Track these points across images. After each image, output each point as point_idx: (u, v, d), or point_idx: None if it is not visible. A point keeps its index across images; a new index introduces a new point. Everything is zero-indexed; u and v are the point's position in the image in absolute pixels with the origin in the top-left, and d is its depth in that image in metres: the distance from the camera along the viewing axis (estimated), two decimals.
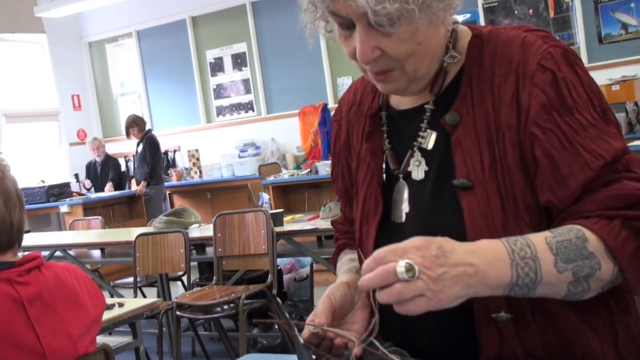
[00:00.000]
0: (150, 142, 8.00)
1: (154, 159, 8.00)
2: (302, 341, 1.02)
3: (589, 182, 1.05)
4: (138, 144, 8.12)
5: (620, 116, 6.43)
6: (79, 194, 8.37)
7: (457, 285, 0.95)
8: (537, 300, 1.05)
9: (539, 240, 1.01)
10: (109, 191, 8.42)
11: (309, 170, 7.34)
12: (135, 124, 8.01)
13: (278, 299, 4.27)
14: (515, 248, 1.00)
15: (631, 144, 5.47)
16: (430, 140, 1.19)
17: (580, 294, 1.03)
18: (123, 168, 9.26)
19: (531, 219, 1.09)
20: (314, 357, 1.11)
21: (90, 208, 7.78)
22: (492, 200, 1.09)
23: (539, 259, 0.99)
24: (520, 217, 1.08)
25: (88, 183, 8.63)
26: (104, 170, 8.68)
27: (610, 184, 1.05)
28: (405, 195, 1.21)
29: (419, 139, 1.20)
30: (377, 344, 1.11)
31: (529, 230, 1.07)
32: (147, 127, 8.27)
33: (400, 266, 0.91)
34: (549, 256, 1.00)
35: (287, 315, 1.07)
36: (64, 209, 7.82)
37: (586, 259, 1.01)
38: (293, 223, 4.85)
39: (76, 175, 9.13)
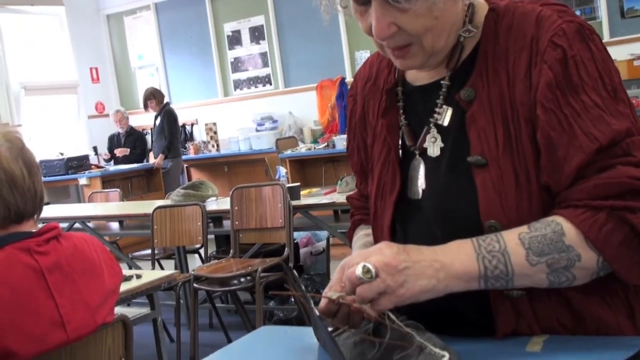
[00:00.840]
0: (168, 115, 8.02)
1: (171, 132, 8.01)
2: (317, 313, 1.02)
3: (583, 166, 1.04)
4: (156, 117, 8.14)
5: None
6: (98, 167, 8.42)
7: (422, 279, 1.01)
8: None
9: (512, 236, 1.04)
10: (122, 154, 8.42)
11: (326, 144, 7.32)
12: (153, 96, 8.03)
13: (294, 272, 4.29)
14: (483, 243, 1.04)
15: None
16: (446, 116, 1.18)
17: (568, 282, 1.04)
18: None
19: (544, 197, 1.08)
20: (330, 328, 1.12)
21: (108, 181, 7.83)
22: (506, 178, 1.08)
23: (509, 253, 1.02)
24: (534, 195, 1.08)
25: (107, 154, 8.65)
26: (128, 141, 8.68)
27: (604, 170, 1.03)
28: (422, 171, 1.20)
29: (435, 115, 1.19)
30: (393, 317, 1.12)
31: (541, 208, 1.07)
32: (165, 100, 8.28)
33: (358, 269, 0.98)
34: (520, 250, 1.02)
35: (302, 287, 1.08)
36: (82, 181, 7.88)
37: (562, 252, 1.02)
38: (310, 197, 4.85)
39: (95, 148, 9.17)
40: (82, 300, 1.82)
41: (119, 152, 8.47)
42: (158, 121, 8.10)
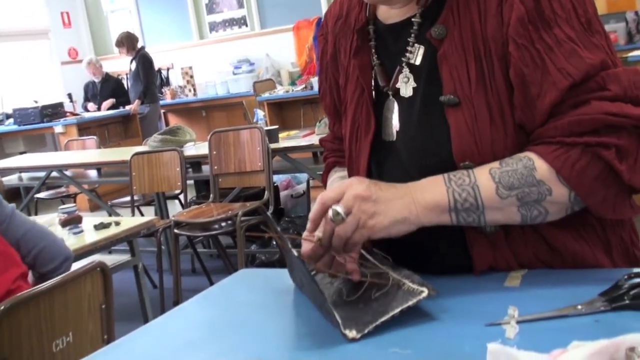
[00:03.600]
0: (143, 60, 7.88)
1: (147, 77, 7.89)
2: (295, 254, 1.02)
3: (556, 103, 1.02)
4: (131, 62, 8.00)
5: (620, 26, 6.31)
6: (73, 114, 8.29)
7: (393, 210, 1.01)
8: None
9: (483, 171, 1.04)
10: (108, 107, 8.32)
11: (304, 86, 7.27)
12: (128, 40, 7.87)
13: (268, 214, 4.28)
14: (454, 178, 1.04)
15: (630, 54, 5.39)
16: (418, 55, 1.15)
17: (541, 217, 1.04)
18: None
19: (519, 135, 1.06)
20: (313, 272, 1.11)
21: (84, 128, 7.72)
22: (479, 116, 1.06)
23: (478, 187, 1.03)
24: (509, 134, 1.06)
25: (92, 106, 8.49)
26: (104, 88, 8.54)
27: (578, 106, 1.01)
28: (395, 112, 1.18)
29: (407, 54, 1.16)
30: (369, 257, 1.12)
31: (517, 148, 1.06)
32: (140, 44, 8.13)
33: (329, 214, 1.00)
34: (490, 184, 1.02)
35: (278, 229, 1.07)
36: (58, 129, 7.76)
37: (533, 186, 1.02)
38: (288, 139, 4.83)
39: (69, 95, 9.03)
40: None
41: (104, 105, 8.35)
42: (133, 66, 7.97)
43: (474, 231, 1.09)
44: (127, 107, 8.16)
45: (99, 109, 8.39)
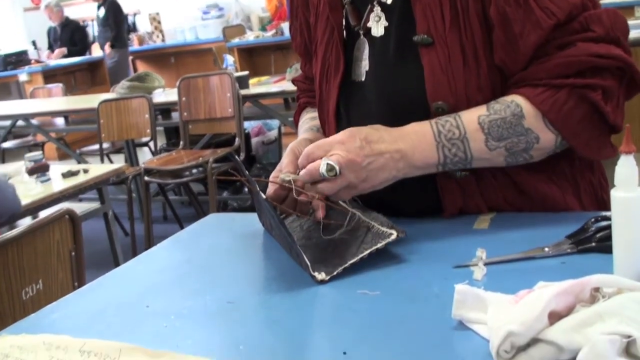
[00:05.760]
0: (113, 6, 7.74)
1: (117, 23, 7.76)
2: (264, 197, 1.01)
3: (540, 43, 1.01)
4: (99, 8, 7.82)
5: None
6: (38, 62, 8.11)
7: (383, 172, 1.01)
8: None
9: (471, 119, 1.02)
10: (59, 56, 8.13)
11: (274, 31, 7.18)
12: None
13: (237, 157, 4.25)
14: (443, 130, 1.02)
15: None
16: None
17: (525, 162, 1.05)
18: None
19: (493, 77, 1.06)
20: (282, 216, 1.11)
21: (50, 76, 7.58)
22: (453, 57, 1.05)
23: (468, 140, 1.02)
24: (482, 75, 1.05)
25: (49, 54, 8.29)
26: (64, 33, 8.35)
27: (564, 48, 1.01)
28: (366, 52, 1.16)
29: None
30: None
31: (490, 89, 1.05)
32: None
33: (322, 166, 0.98)
34: (480, 135, 1.02)
35: (247, 172, 1.06)
36: (23, 77, 7.61)
37: (521, 135, 1.02)
38: (259, 85, 4.79)
39: (33, 42, 8.82)
40: None
41: (55, 55, 8.14)
42: (102, 12, 7.80)
43: (444, 176, 1.09)
44: (95, 55, 8.00)
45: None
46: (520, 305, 0.69)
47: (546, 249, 0.93)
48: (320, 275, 0.94)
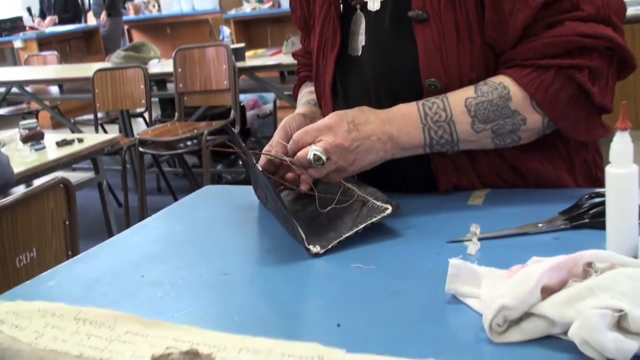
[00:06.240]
0: None
1: None
2: (260, 169, 1.01)
3: (529, 22, 1.01)
4: None
5: None
6: (33, 29, 8.04)
7: (371, 154, 1.02)
8: None
9: (458, 101, 1.03)
10: (50, 24, 8.05)
11: (271, 3, 7.13)
12: None
13: (234, 130, 4.25)
14: (430, 112, 1.03)
15: None
16: None
17: (513, 143, 1.06)
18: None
19: (486, 55, 1.05)
20: (279, 188, 1.11)
21: (45, 43, 7.51)
22: (447, 33, 1.05)
23: (454, 122, 1.03)
24: (476, 53, 1.05)
25: (40, 22, 8.20)
26: (58, 0, 8.27)
27: (552, 27, 1.00)
28: (362, 27, 1.16)
29: None
30: None
31: (484, 67, 1.05)
32: None
33: (310, 155, 0.99)
34: (466, 118, 1.02)
35: (243, 145, 1.06)
36: (17, 44, 7.54)
37: (507, 118, 1.02)
38: (255, 58, 4.76)
39: (28, 9, 8.73)
40: None
41: (46, 24, 8.06)
42: None
43: (438, 155, 1.09)
44: (89, 23, 7.94)
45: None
46: (514, 279, 0.70)
47: (540, 225, 0.93)
48: (315, 249, 0.94)
